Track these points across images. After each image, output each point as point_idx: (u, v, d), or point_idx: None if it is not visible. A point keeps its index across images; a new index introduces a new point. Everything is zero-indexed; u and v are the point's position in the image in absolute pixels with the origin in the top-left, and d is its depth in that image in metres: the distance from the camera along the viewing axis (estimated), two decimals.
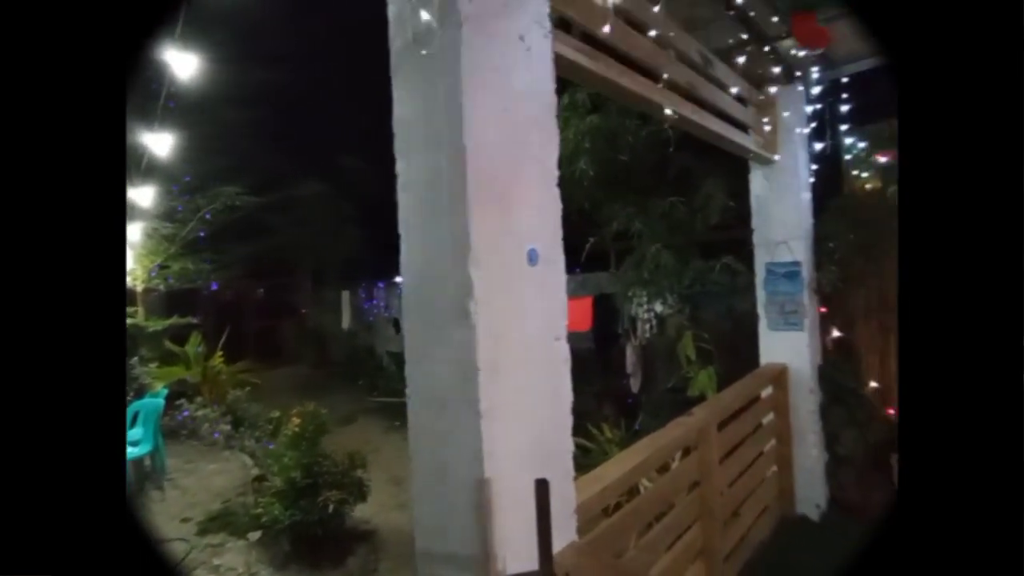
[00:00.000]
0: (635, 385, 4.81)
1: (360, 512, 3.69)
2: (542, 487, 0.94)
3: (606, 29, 1.66)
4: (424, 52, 1.11)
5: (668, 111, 2.05)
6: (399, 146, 1.25)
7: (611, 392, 5.33)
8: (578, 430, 4.40)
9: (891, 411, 3.62)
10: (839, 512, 3.23)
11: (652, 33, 1.92)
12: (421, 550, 1.25)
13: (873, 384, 3.67)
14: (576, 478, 1.39)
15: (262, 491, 3.28)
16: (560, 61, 1.58)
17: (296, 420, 3.56)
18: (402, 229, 1.26)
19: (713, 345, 4.19)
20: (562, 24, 1.57)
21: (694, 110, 2.45)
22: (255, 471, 3.57)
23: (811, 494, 3.23)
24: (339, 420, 6.61)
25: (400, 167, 1.25)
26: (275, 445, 3.66)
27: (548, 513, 0.95)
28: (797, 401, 3.26)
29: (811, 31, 1.93)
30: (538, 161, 1.27)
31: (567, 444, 1.33)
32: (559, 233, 1.33)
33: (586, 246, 4.44)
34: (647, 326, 4.38)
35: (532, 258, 1.23)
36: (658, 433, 2.26)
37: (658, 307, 4.23)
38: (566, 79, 1.81)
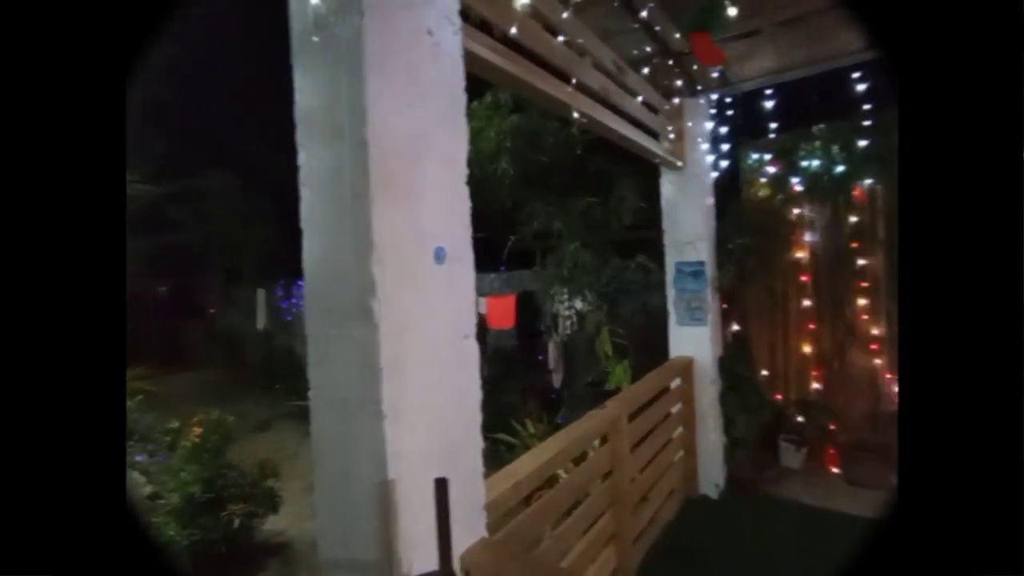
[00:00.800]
0: (557, 380, 4.96)
1: (272, 524, 3.48)
2: (441, 486, 0.94)
3: (517, 29, 1.69)
4: (316, 39, 1.06)
5: (576, 114, 2.12)
6: (301, 137, 1.19)
7: (535, 387, 5.45)
8: (502, 426, 4.45)
9: (778, 396, 4.03)
10: (735, 489, 3.54)
11: (563, 38, 1.98)
12: (326, 560, 1.20)
13: (764, 372, 4.07)
14: (491, 475, 1.41)
15: (155, 510, 2.99)
16: (472, 59, 1.59)
17: (197, 430, 3.28)
18: (304, 225, 1.20)
19: (629, 340, 4.41)
20: (475, 22, 1.58)
21: (607, 115, 2.56)
22: (147, 489, 3.25)
23: (712, 475, 3.51)
24: (252, 427, 6.18)
25: (302, 159, 1.19)
26: (171, 459, 3.34)
27: (447, 512, 0.95)
28: (700, 390, 3.53)
29: (707, 49, 2.09)
30: (447, 159, 1.27)
31: (476, 441, 1.34)
32: (468, 231, 1.33)
33: (507, 244, 4.49)
34: (568, 323, 4.52)
35: (439, 256, 1.22)
36: (572, 426, 2.34)
37: (578, 304, 4.39)
38: (486, 79, 1.82)
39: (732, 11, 2.17)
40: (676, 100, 3.30)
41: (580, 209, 4.04)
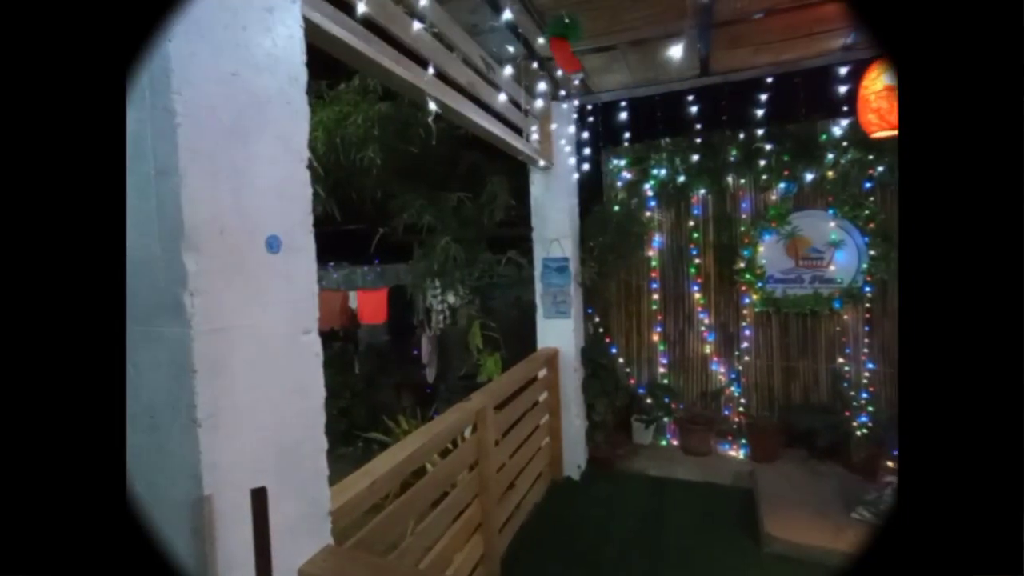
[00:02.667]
0: (431, 375, 4.91)
1: None
2: (258, 497, 0.86)
3: (372, 9, 1.61)
4: None
5: (432, 104, 2.09)
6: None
7: (410, 383, 5.34)
8: (375, 423, 4.26)
9: (632, 380, 4.46)
10: (594, 468, 3.84)
11: (421, 26, 1.94)
12: None
13: (621, 359, 4.47)
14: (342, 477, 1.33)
15: None
16: (319, 34, 1.48)
17: None
18: None
19: (500, 333, 4.53)
20: None
21: (474, 109, 2.58)
22: None
23: (574, 457, 3.77)
24: None
25: None
26: None
27: (266, 525, 0.88)
28: (565, 379, 3.76)
29: (566, 57, 2.22)
30: (283, 138, 1.16)
31: (319, 443, 1.25)
32: (309, 219, 1.23)
33: (376, 236, 4.32)
34: (441, 316, 4.50)
35: (272, 245, 1.11)
36: (436, 420, 2.33)
37: (451, 298, 4.38)
38: (339, 58, 1.70)
39: (587, 25, 2.32)
40: (542, 102, 3.45)
41: (452, 204, 4.03)
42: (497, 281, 4.53)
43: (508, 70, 2.79)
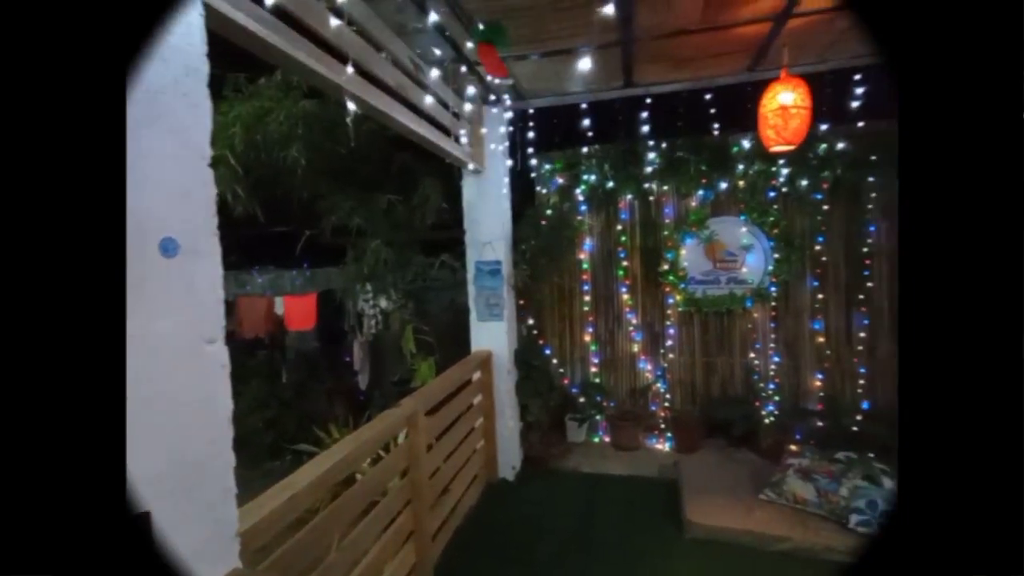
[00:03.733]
0: (364, 381, 4.76)
1: None
2: (141, 523, 0.80)
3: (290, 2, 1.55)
4: None
5: (350, 102, 2.04)
6: None
7: (342, 390, 5.14)
8: (306, 434, 4.04)
9: (566, 380, 4.57)
10: (529, 468, 3.90)
11: (338, 23, 1.88)
12: None
13: (554, 360, 4.57)
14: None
15: None
16: (224, 23, 1.40)
17: None
18: None
19: (435, 337, 4.48)
20: None
21: (402, 111, 2.54)
22: None
23: (509, 458, 3.80)
24: None
25: None
26: None
27: (153, 551, 0.81)
28: (499, 381, 3.78)
29: (493, 62, 2.24)
30: (177, 133, 1.08)
31: (226, 459, 1.18)
32: (213, 221, 1.16)
33: (302, 238, 4.13)
34: (373, 321, 4.38)
35: (168, 248, 1.04)
36: (363, 428, 2.26)
37: (383, 302, 4.27)
38: (248, 50, 1.61)
39: (514, 32, 2.36)
40: (472, 106, 3.46)
41: (383, 206, 3.94)
42: (430, 284, 4.48)
43: (438, 72, 2.78)
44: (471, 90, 3.27)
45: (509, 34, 2.37)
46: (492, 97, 3.54)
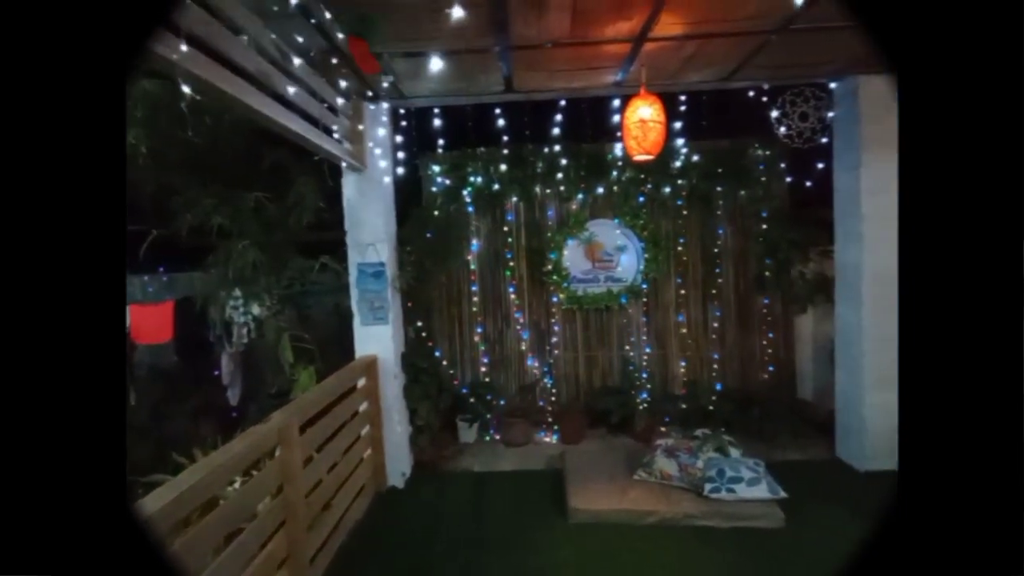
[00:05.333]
0: (234, 396, 4.33)
1: None
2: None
3: None
4: None
5: (185, 86, 1.84)
6: None
7: (211, 408, 4.63)
8: (166, 463, 3.55)
9: (456, 381, 4.57)
10: (420, 473, 3.83)
11: None
12: None
13: (444, 362, 4.56)
14: None
15: None
16: None
17: None
18: None
19: (318, 343, 4.22)
20: None
21: (267, 103, 2.35)
22: None
23: (398, 465, 3.70)
24: None
25: None
26: None
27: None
28: (385, 386, 3.67)
29: (365, 56, 2.17)
30: None
31: None
32: None
33: (147, 239, 3.65)
34: (244, 330, 4.00)
35: None
36: (223, 448, 2.06)
37: (256, 309, 3.92)
38: None
39: (388, 28, 2.30)
40: (347, 102, 3.32)
41: (251, 204, 3.61)
42: (311, 288, 4.21)
43: (306, 62, 2.62)
44: (349, 84, 3.14)
45: (381, 29, 2.31)
46: (369, 92, 3.42)
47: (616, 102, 3.63)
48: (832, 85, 3.58)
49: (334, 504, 2.92)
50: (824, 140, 3.65)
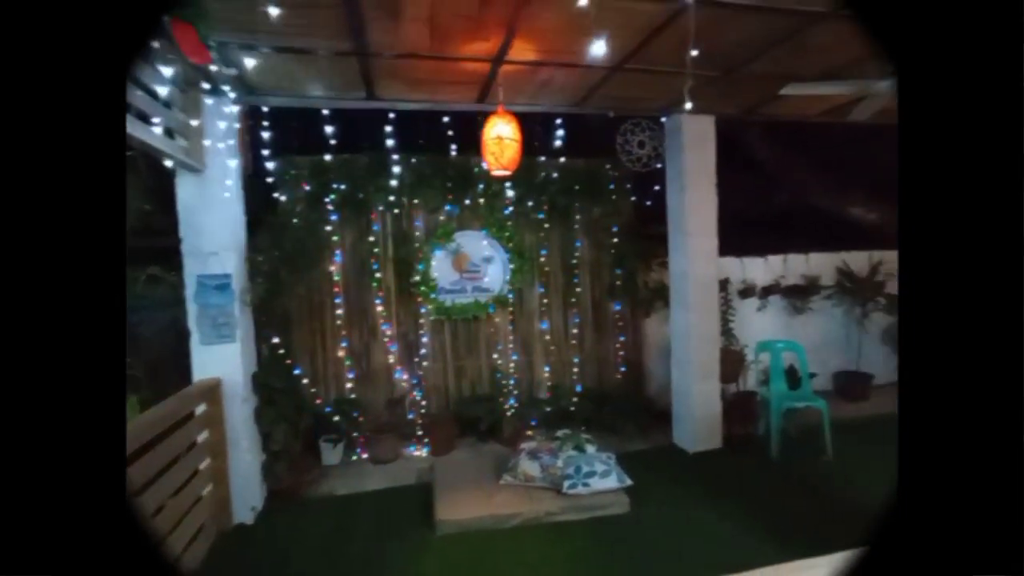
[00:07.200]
0: None
1: None
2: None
3: None
4: None
5: None
6: None
7: None
8: None
9: (319, 400, 4.28)
10: (277, 504, 3.50)
11: None
12: None
13: (305, 380, 4.24)
14: None
15: None
16: None
17: None
18: None
19: (146, 368, 3.65)
20: None
21: None
22: None
23: (248, 499, 3.33)
24: None
25: None
26: None
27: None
28: (231, 412, 3.29)
29: (191, 44, 1.95)
30: None
31: None
32: None
33: None
34: None
35: None
36: None
37: None
38: None
39: (228, 16, 2.10)
40: (177, 91, 2.95)
41: None
42: (137, 304, 3.63)
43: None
44: (187, 73, 2.79)
45: (214, 16, 2.11)
46: (207, 85, 3.08)
47: (478, 117, 3.75)
48: (663, 119, 4.12)
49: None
50: (659, 165, 4.17)
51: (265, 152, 3.99)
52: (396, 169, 4.28)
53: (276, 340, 3.97)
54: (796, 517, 3.08)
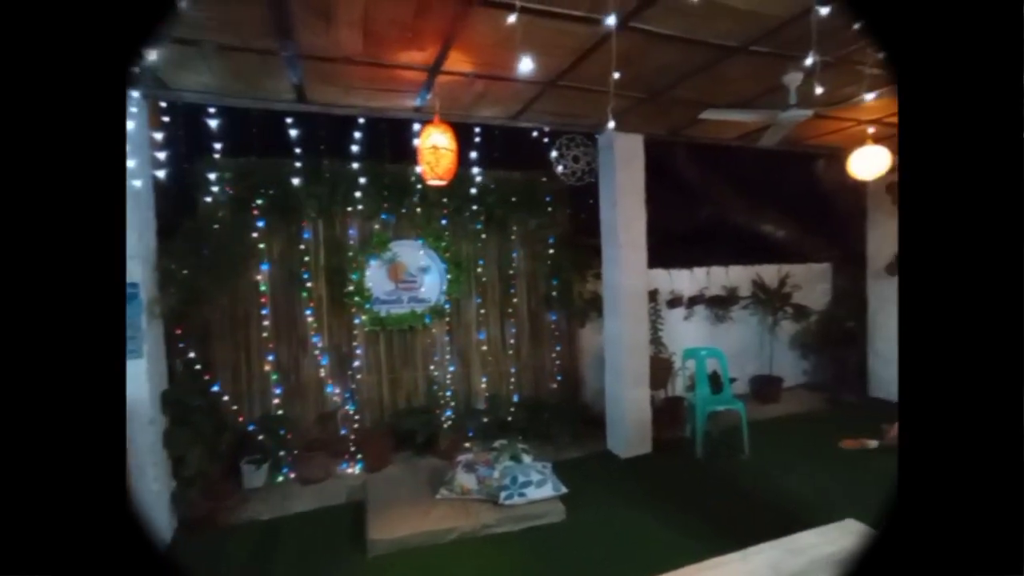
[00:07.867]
0: None
1: None
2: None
3: None
4: None
5: None
6: None
7: None
8: None
9: (242, 418, 4.00)
10: (188, 534, 3.21)
11: None
12: None
13: (225, 397, 3.95)
14: None
15: None
16: None
17: None
18: None
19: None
20: None
21: None
22: None
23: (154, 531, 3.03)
24: None
25: None
26: None
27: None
28: (135, 435, 2.98)
29: None
30: None
31: None
32: None
33: None
34: None
35: None
36: None
37: None
38: None
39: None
40: None
41: None
42: None
43: None
44: None
45: None
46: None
47: (417, 126, 3.72)
48: (597, 136, 4.29)
49: None
50: (593, 180, 4.33)
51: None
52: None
53: (192, 355, 3.67)
54: (719, 514, 3.26)
